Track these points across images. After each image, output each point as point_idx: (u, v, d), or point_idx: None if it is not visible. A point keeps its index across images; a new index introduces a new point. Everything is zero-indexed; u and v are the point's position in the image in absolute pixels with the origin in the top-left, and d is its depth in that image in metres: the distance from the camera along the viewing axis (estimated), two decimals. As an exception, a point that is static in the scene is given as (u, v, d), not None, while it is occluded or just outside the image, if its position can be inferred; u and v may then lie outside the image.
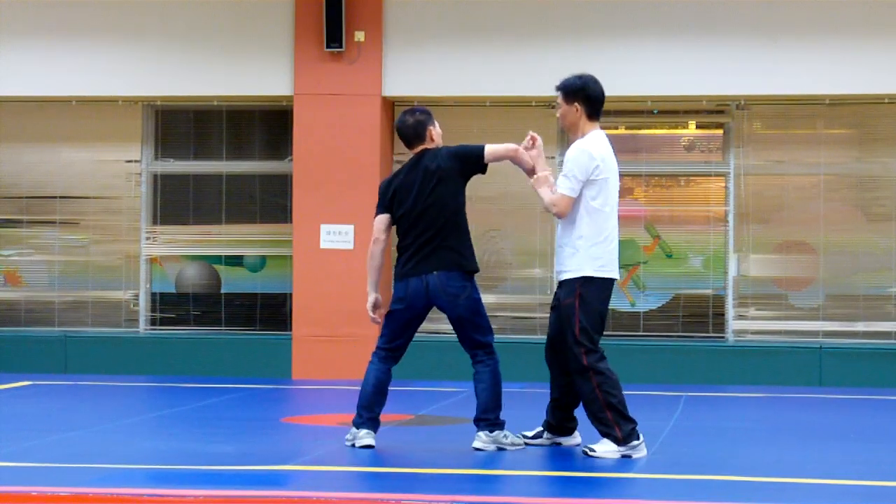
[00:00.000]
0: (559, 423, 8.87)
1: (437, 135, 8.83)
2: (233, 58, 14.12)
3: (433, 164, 8.65)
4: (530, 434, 8.94)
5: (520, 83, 13.76)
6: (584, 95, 8.60)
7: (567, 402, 8.82)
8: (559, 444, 8.88)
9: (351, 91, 13.86)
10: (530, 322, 14.11)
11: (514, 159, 8.74)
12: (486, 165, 8.72)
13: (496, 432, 8.61)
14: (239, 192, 14.61)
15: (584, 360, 8.42)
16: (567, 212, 8.49)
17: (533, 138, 8.77)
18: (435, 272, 8.60)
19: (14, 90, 14.38)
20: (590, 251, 8.45)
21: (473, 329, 8.66)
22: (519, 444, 8.68)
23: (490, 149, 8.69)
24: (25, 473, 7.79)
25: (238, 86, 14.15)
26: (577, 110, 8.60)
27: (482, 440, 8.61)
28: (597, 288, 8.47)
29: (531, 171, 8.72)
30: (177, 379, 13.66)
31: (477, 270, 8.71)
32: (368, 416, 8.78)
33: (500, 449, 8.57)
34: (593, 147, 8.50)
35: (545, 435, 8.91)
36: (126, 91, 14.34)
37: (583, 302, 8.45)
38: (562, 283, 8.59)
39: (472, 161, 8.70)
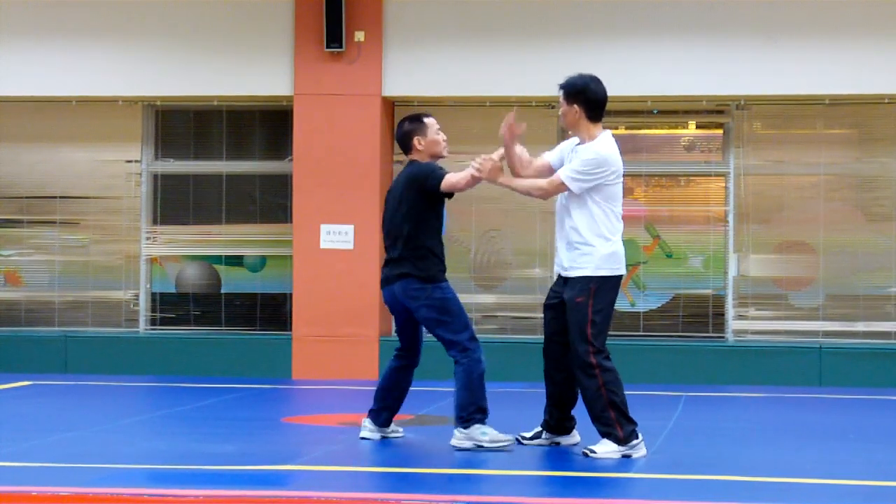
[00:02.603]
0: (557, 422, 8.88)
1: (428, 143, 8.93)
2: (233, 58, 14.12)
3: (405, 181, 8.87)
4: (528, 435, 8.94)
5: (520, 83, 13.76)
6: (585, 97, 8.62)
7: (564, 400, 8.82)
8: (558, 443, 8.88)
9: (351, 91, 13.86)
10: (530, 322, 14.11)
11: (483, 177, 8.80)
12: (447, 193, 8.83)
13: (471, 429, 8.63)
14: (239, 192, 14.61)
15: (592, 358, 8.43)
16: (549, 197, 8.66)
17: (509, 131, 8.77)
18: (396, 283, 8.79)
19: (14, 90, 14.38)
20: (605, 251, 8.49)
21: (440, 327, 8.74)
22: (501, 442, 8.64)
23: (447, 183, 8.74)
24: (25, 473, 7.79)
25: (238, 86, 14.15)
26: (576, 112, 8.62)
27: (457, 437, 8.69)
28: (610, 286, 8.54)
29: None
30: (177, 379, 13.65)
31: (434, 278, 8.75)
32: (373, 406, 9.08)
33: (478, 447, 8.58)
34: (608, 152, 8.54)
35: (544, 435, 8.91)
36: (126, 91, 14.34)
37: (596, 301, 8.46)
38: (570, 282, 8.58)
39: (427, 189, 8.79)
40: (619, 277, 8.60)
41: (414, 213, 8.78)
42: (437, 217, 8.88)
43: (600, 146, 8.55)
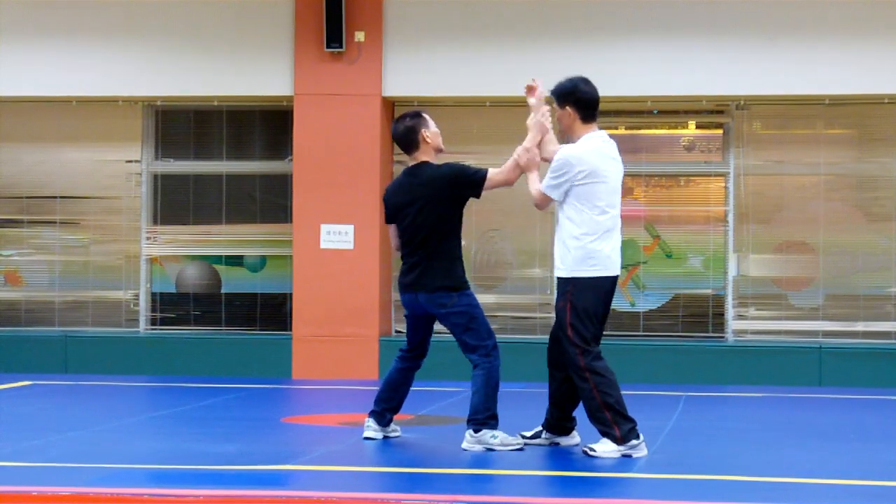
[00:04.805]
0: (557, 422, 8.88)
1: (433, 135, 8.88)
2: (233, 58, 14.12)
3: (430, 185, 8.75)
4: (529, 434, 8.95)
5: (520, 83, 13.64)
6: (575, 98, 8.63)
7: (564, 400, 8.82)
8: (557, 443, 8.89)
9: (351, 91, 13.86)
10: (530, 322, 14.11)
11: (523, 168, 8.78)
12: (480, 194, 8.82)
13: (482, 433, 8.63)
14: (239, 192, 14.61)
15: (581, 360, 8.44)
16: (544, 208, 8.76)
17: (530, 87, 8.91)
18: (422, 291, 8.76)
19: (14, 90, 14.37)
20: (578, 252, 8.48)
21: (466, 333, 8.74)
22: (512, 445, 8.65)
23: (491, 180, 8.75)
24: (25, 473, 7.79)
25: (238, 86, 14.15)
26: (570, 114, 8.64)
27: (467, 440, 8.69)
28: (586, 287, 8.47)
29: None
30: (177, 379, 13.65)
31: (461, 286, 8.76)
32: (374, 408, 9.07)
33: (488, 450, 8.59)
34: (578, 153, 8.52)
35: (544, 434, 8.91)
36: (126, 91, 14.34)
37: (573, 302, 8.48)
38: (557, 284, 8.65)
39: (468, 190, 8.77)
40: (600, 279, 8.49)
41: (445, 218, 8.72)
42: (460, 220, 8.85)
43: (569, 148, 8.58)
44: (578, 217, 8.50)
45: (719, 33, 13.65)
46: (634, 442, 8.43)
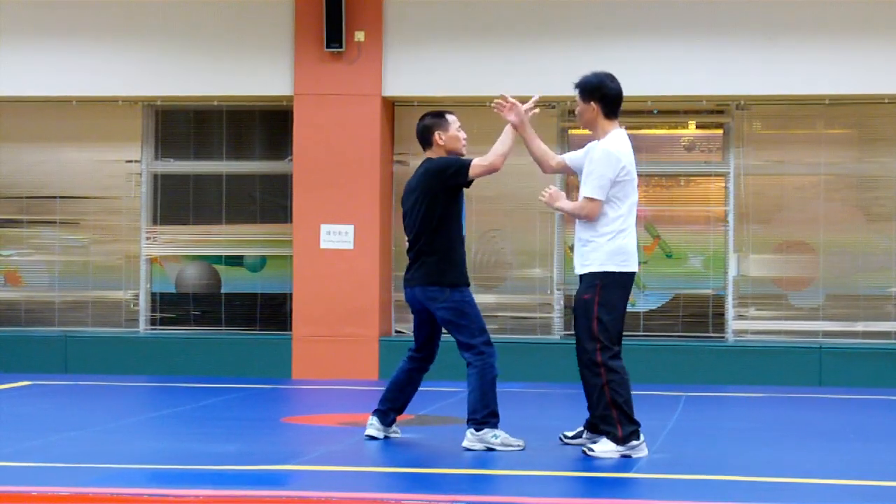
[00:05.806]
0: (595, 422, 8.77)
1: (448, 138, 8.88)
2: (233, 58, 14.12)
3: (423, 177, 8.81)
4: (571, 434, 8.89)
5: (520, 83, 13.73)
6: (601, 94, 8.62)
7: None
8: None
9: (351, 91, 13.86)
10: (530, 322, 14.11)
11: (515, 126, 8.80)
12: (469, 181, 8.79)
13: (483, 431, 8.63)
14: (239, 192, 14.61)
15: (599, 356, 8.40)
16: (597, 214, 8.49)
17: (500, 103, 8.82)
18: (417, 286, 8.79)
19: (14, 90, 14.37)
20: (611, 247, 8.45)
21: (457, 331, 8.75)
22: (513, 446, 8.64)
23: (479, 169, 8.73)
24: (25, 473, 7.80)
25: (238, 86, 14.15)
26: (593, 109, 8.62)
27: (468, 439, 8.68)
28: (617, 283, 8.47)
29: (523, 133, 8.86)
30: (177, 379, 13.65)
31: (456, 283, 8.75)
32: (379, 406, 9.07)
33: (489, 449, 8.59)
34: (618, 148, 8.51)
35: (585, 434, 8.83)
36: (126, 91, 14.34)
37: (603, 297, 8.43)
38: (582, 278, 8.59)
39: (452, 178, 8.75)
40: (628, 274, 8.52)
41: (432, 212, 8.72)
42: (456, 214, 8.81)
43: (609, 144, 8.54)
44: (612, 213, 8.48)
45: (719, 33, 13.65)
46: (634, 442, 8.42)
